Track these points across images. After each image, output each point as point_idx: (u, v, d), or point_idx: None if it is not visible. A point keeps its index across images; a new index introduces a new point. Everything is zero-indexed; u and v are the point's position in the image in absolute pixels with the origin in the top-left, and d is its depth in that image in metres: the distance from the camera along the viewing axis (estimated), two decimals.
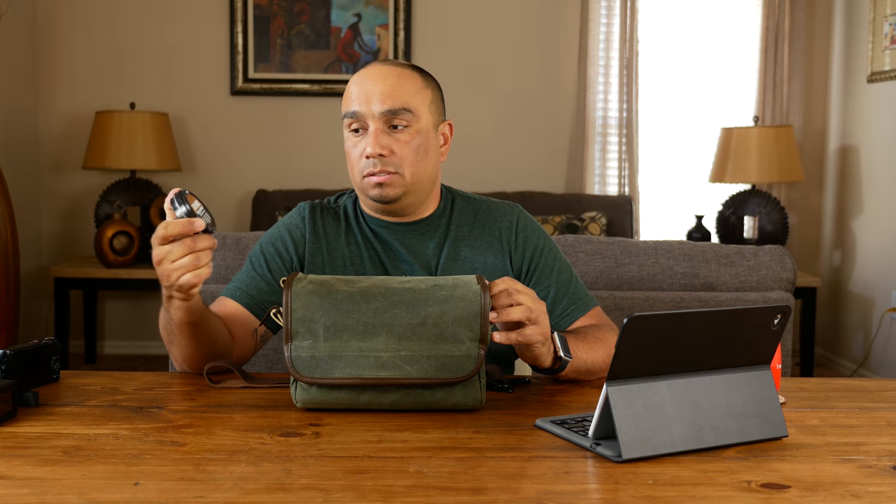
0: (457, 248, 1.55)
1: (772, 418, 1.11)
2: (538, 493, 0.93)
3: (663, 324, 1.04)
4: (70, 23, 4.58)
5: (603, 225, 4.29)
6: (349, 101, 1.48)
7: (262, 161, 4.68)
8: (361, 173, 1.48)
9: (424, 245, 1.55)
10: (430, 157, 1.51)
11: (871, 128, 4.28)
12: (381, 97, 1.45)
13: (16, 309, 3.74)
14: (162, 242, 1.20)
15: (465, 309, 1.20)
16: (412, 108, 1.47)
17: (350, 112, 1.47)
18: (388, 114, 1.45)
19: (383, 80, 1.47)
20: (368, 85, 1.47)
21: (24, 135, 4.47)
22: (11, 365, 1.27)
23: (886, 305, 4.10)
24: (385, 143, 1.45)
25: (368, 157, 1.46)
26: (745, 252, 2.21)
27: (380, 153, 1.45)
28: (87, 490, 0.92)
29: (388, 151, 1.45)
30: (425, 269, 1.53)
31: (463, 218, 1.58)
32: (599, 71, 4.61)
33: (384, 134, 1.46)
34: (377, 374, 1.19)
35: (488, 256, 1.55)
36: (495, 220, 1.58)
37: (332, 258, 1.54)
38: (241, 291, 1.51)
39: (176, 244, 1.20)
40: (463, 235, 1.56)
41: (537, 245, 1.58)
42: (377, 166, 1.45)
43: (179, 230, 1.19)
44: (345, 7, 4.60)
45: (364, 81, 1.48)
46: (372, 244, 1.55)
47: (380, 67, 1.49)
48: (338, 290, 1.21)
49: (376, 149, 1.44)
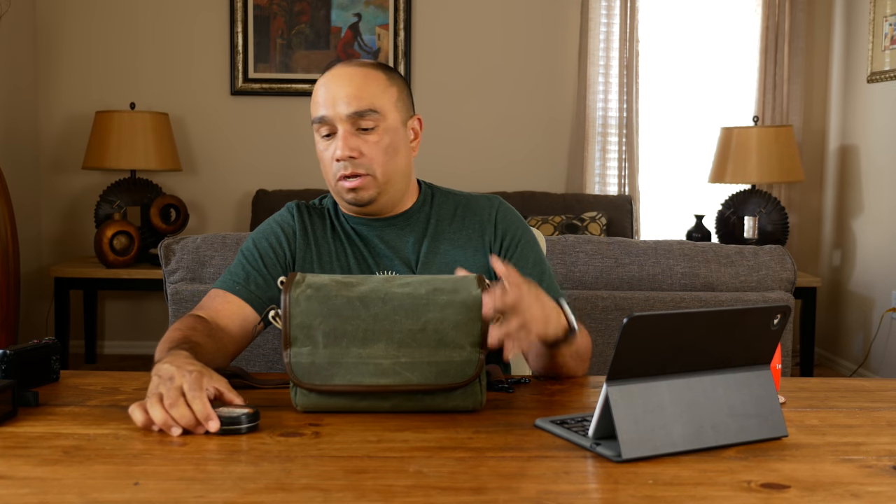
0: (437, 243, 1.56)
1: (772, 418, 1.11)
2: (538, 493, 0.93)
3: (663, 324, 1.04)
4: (70, 23, 4.58)
5: (603, 225, 4.29)
6: (317, 106, 1.50)
7: (262, 161, 4.68)
8: (335, 176, 1.50)
9: (404, 240, 1.56)
10: (401, 155, 1.52)
11: (871, 128, 4.28)
12: (347, 100, 1.46)
13: (16, 309, 3.74)
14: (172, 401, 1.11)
15: (465, 314, 1.19)
16: (378, 108, 1.48)
17: (318, 117, 1.49)
18: (355, 116, 1.47)
19: (348, 83, 1.48)
20: (334, 88, 1.48)
21: (24, 135, 4.47)
22: (11, 365, 1.27)
23: (886, 305, 4.10)
24: (354, 146, 1.47)
25: (339, 160, 1.47)
26: (745, 252, 2.21)
27: (349, 155, 1.46)
28: (87, 490, 0.92)
29: (357, 153, 1.47)
30: (405, 264, 1.54)
31: (443, 212, 1.59)
32: (599, 71, 4.61)
33: (353, 136, 1.47)
34: (377, 382, 1.18)
35: (468, 251, 1.56)
36: (475, 214, 1.59)
37: (321, 255, 1.55)
38: (240, 286, 1.50)
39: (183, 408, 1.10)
40: (443, 230, 1.57)
41: (514, 235, 1.58)
42: (348, 168, 1.47)
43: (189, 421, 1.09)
44: (345, 7, 4.60)
45: (329, 84, 1.49)
46: (354, 242, 1.56)
47: (344, 69, 1.50)
48: (337, 296, 1.20)
49: (346, 151, 1.46)
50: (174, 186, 4.67)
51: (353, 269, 1.54)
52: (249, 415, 1.11)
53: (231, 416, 1.10)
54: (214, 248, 2.09)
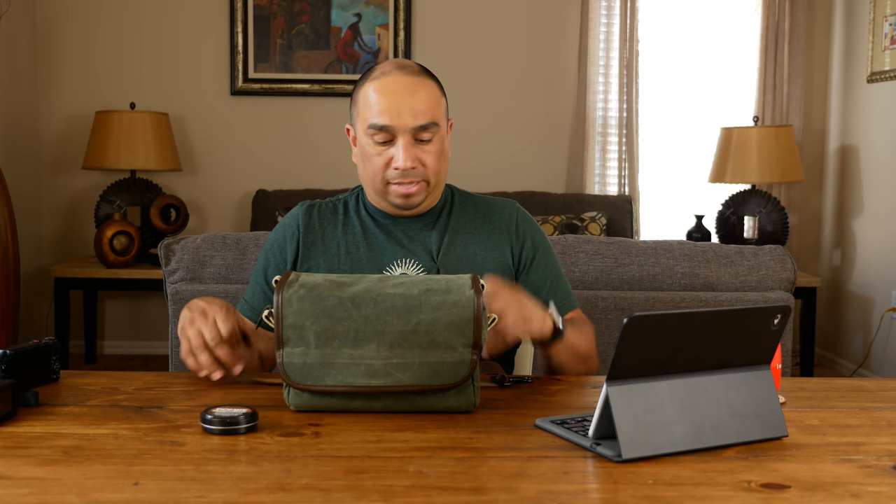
0: (456, 236, 1.61)
1: (772, 418, 1.11)
2: (538, 493, 0.93)
3: (663, 324, 1.04)
4: (70, 23, 4.58)
5: (603, 225, 4.29)
6: (377, 114, 1.51)
7: (262, 161, 4.68)
8: (384, 181, 1.54)
9: (428, 234, 1.61)
10: (447, 159, 1.59)
11: (871, 128, 4.28)
12: (413, 113, 1.50)
13: (16, 309, 3.74)
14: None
15: (458, 315, 1.19)
16: (438, 120, 1.54)
17: (378, 125, 1.50)
18: (420, 129, 1.51)
19: (412, 94, 1.50)
20: (397, 99, 1.50)
21: (24, 135, 4.47)
22: (11, 365, 1.27)
23: (886, 305, 4.10)
24: (415, 156, 1.52)
25: (399, 169, 1.51)
26: (745, 252, 2.21)
27: (412, 166, 1.51)
28: (87, 490, 0.92)
29: (418, 164, 1.52)
30: (426, 253, 1.59)
31: (463, 210, 1.65)
32: (599, 71, 4.61)
33: (413, 146, 1.51)
34: (368, 382, 1.18)
35: (488, 245, 1.61)
36: (495, 213, 1.65)
37: (327, 247, 1.60)
38: (247, 305, 1.62)
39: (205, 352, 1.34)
40: (463, 224, 1.63)
41: (535, 239, 1.64)
42: (407, 177, 1.52)
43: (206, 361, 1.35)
44: (345, 7, 4.60)
45: (391, 94, 1.50)
46: (373, 233, 1.61)
47: (403, 78, 1.52)
48: (329, 296, 1.20)
49: (409, 163, 1.50)
50: (174, 186, 4.67)
51: (363, 258, 1.59)
52: (248, 415, 1.11)
53: (230, 417, 1.10)
54: (214, 248, 2.09)
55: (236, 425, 1.10)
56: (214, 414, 1.11)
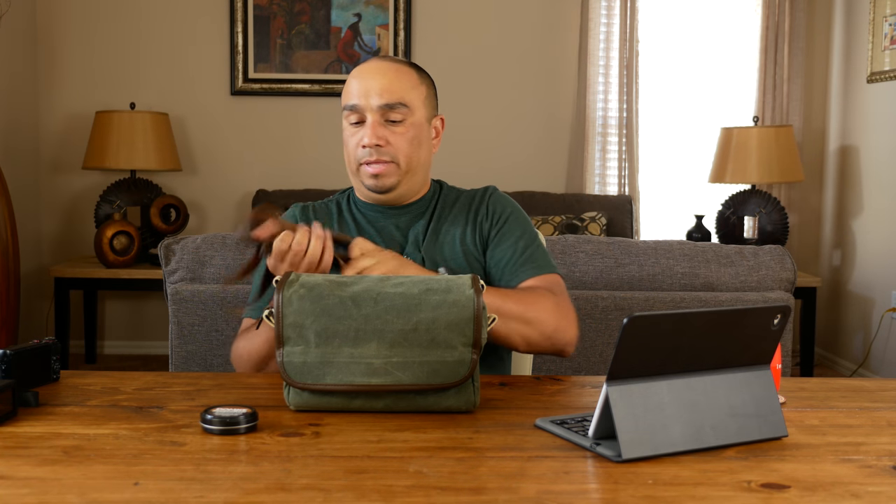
0: (439, 224, 1.65)
1: (772, 418, 1.11)
2: (538, 493, 0.93)
3: (663, 324, 1.04)
4: (70, 23, 4.58)
5: (603, 225, 4.29)
6: (349, 95, 1.59)
7: (262, 161, 4.68)
8: (358, 161, 1.59)
9: (415, 225, 1.65)
10: (423, 149, 1.62)
11: (871, 128, 4.28)
12: (380, 91, 1.56)
13: (16, 309, 3.74)
14: None
15: (457, 314, 1.20)
16: (408, 102, 1.57)
17: (350, 105, 1.58)
18: (385, 108, 1.56)
19: (382, 76, 1.57)
20: (367, 80, 1.57)
21: (24, 135, 4.47)
22: (11, 365, 1.27)
23: (886, 305, 4.10)
24: (381, 134, 1.56)
25: (365, 147, 1.56)
26: (745, 252, 2.21)
27: (376, 143, 1.55)
28: (87, 490, 0.92)
29: (384, 142, 1.56)
30: (413, 244, 1.62)
31: (447, 201, 1.69)
32: (599, 71, 4.61)
33: (381, 126, 1.56)
34: (368, 381, 1.18)
35: (466, 229, 1.64)
36: (472, 200, 1.69)
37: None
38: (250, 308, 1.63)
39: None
40: (446, 214, 1.67)
41: (503, 213, 1.65)
42: (373, 156, 1.56)
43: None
44: (345, 7, 4.60)
45: (363, 76, 1.58)
46: (365, 228, 1.65)
47: (378, 63, 1.60)
48: (329, 295, 1.21)
49: (373, 139, 1.55)
50: (174, 186, 4.67)
51: None
52: (248, 415, 1.12)
53: (230, 417, 1.10)
54: (214, 248, 2.09)
55: (236, 425, 1.10)
56: (214, 414, 1.11)
